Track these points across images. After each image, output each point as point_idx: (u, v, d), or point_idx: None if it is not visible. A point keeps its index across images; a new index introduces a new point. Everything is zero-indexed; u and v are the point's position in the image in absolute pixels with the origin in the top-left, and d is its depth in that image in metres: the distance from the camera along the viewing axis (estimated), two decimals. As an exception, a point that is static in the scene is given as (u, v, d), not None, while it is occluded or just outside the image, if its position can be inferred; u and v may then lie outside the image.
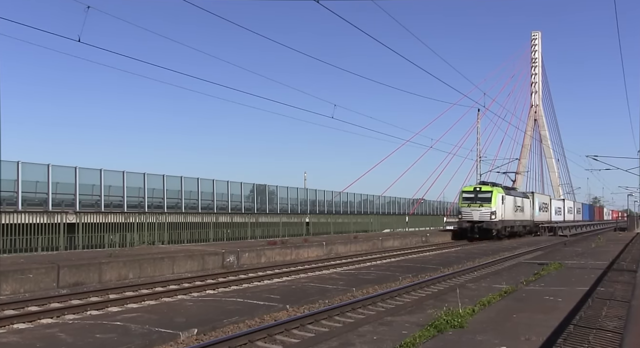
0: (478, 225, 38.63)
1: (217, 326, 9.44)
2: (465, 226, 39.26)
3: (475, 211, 39.18)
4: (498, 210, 39.29)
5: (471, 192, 40.23)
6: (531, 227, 49.04)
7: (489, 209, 38.82)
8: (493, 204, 38.98)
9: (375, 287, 14.43)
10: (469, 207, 39.54)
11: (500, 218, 39.68)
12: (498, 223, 39.25)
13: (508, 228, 41.69)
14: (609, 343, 7.52)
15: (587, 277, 15.90)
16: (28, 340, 8.09)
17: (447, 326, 8.60)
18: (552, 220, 57.06)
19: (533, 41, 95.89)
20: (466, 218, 39.47)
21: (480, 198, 39.45)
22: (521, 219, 45.15)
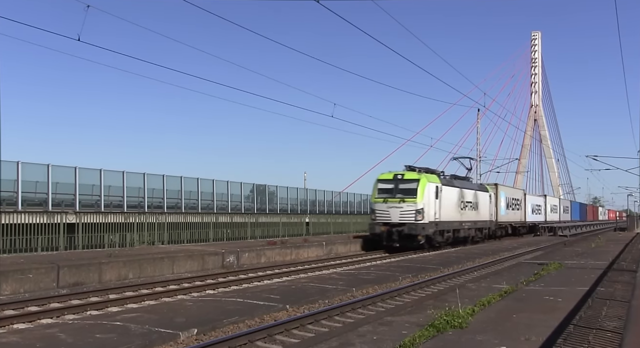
0: (397, 229, 26.55)
1: (217, 326, 9.44)
2: (379, 231, 26.99)
3: (393, 209, 27.04)
4: (428, 207, 27.16)
5: (389, 181, 27.82)
6: (493, 230, 37.97)
7: (413, 206, 26.69)
8: (420, 198, 26.73)
9: (375, 287, 14.43)
10: (385, 202, 27.23)
11: (432, 219, 27.46)
12: (427, 226, 26.98)
13: (447, 233, 29.67)
14: (609, 343, 7.52)
15: (587, 277, 15.90)
16: (28, 340, 8.09)
17: (447, 326, 8.61)
18: (529, 220, 48.52)
19: (533, 41, 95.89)
20: (381, 220, 27.15)
21: (402, 190, 27.23)
22: (473, 219, 33.41)
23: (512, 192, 45.10)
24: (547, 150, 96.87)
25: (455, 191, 31.04)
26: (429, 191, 27.40)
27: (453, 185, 31.13)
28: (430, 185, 27.66)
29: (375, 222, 27.56)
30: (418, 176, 27.65)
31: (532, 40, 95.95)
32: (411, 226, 26.49)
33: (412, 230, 26.49)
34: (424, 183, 27.25)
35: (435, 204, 27.88)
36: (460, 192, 31.53)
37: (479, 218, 34.64)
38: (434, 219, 27.62)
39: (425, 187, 27.16)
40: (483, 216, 35.60)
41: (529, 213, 48.71)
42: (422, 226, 26.72)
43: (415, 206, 26.83)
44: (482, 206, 35.28)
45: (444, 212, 28.82)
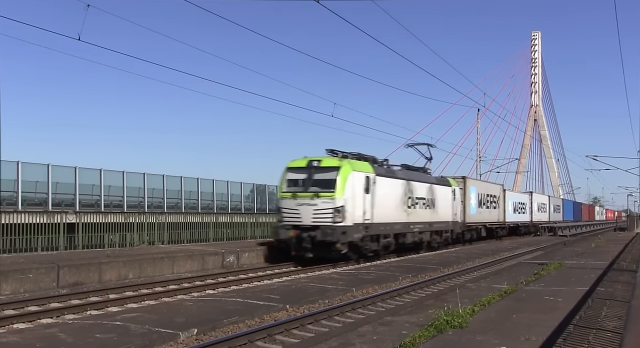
0: (310, 234, 19.60)
1: (217, 326, 9.44)
2: (286, 236, 20.12)
3: (305, 207, 20.02)
4: (352, 203, 20.04)
5: (302, 169, 20.78)
6: (458, 233, 31.06)
7: (330, 202, 19.62)
8: (340, 192, 19.66)
9: (375, 287, 14.43)
10: (295, 198, 20.29)
11: (359, 221, 20.38)
12: (351, 230, 19.84)
13: (385, 239, 22.61)
14: (609, 343, 7.52)
15: (587, 277, 15.90)
16: (28, 340, 8.09)
17: (447, 326, 8.61)
18: (510, 220, 42.60)
19: (533, 41, 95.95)
20: (289, 221, 20.26)
21: (318, 181, 20.23)
22: (426, 220, 26.53)
23: (486, 187, 37.88)
24: (547, 150, 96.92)
25: (398, 184, 23.89)
26: (355, 183, 20.18)
27: (394, 176, 23.94)
28: (357, 175, 20.43)
29: (282, 225, 20.28)
30: (339, 163, 20.19)
31: (532, 40, 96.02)
32: (326, 230, 19.13)
33: (328, 235, 19.10)
34: (346, 172, 19.95)
35: (365, 200, 20.70)
36: (405, 186, 24.40)
37: (436, 218, 27.58)
38: (361, 221, 20.39)
39: (349, 178, 19.86)
40: (443, 216, 28.54)
41: (510, 213, 42.41)
42: (341, 230, 19.31)
43: (333, 203, 19.46)
44: (441, 203, 28.22)
45: (380, 212, 21.67)
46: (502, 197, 40.96)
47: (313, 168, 20.53)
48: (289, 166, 21.25)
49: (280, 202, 21.18)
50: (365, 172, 21.20)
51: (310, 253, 19.85)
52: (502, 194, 41.00)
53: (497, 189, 40.90)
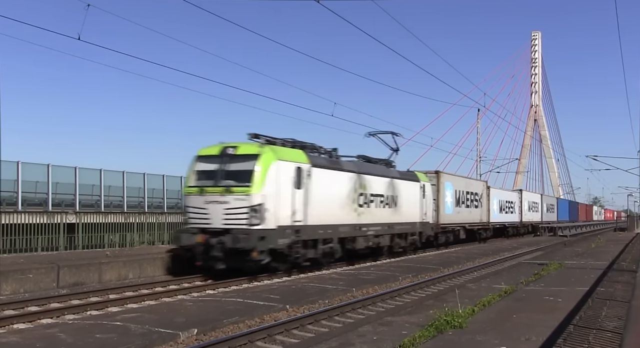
0: (220, 240, 15.42)
1: (217, 326, 9.44)
2: (192, 242, 15.82)
3: (214, 205, 15.89)
4: (274, 201, 15.90)
5: (214, 158, 16.62)
6: (429, 236, 26.74)
7: (245, 199, 15.54)
8: (258, 187, 15.58)
9: (375, 287, 14.44)
10: (202, 194, 16.18)
11: (286, 222, 16.24)
12: (273, 235, 15.69)
13: (324, 245, 18.26)
14: (609, 343, 7.52)
15: (587, 277, 15.90)
16: (28, 340, 8.09)
17: (447, 326, 8.61)
18: (495, 220, 38.66)
19: (533, 41, 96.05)
20: (195, 223, 16.17)
21: (231, 173, 16.14)
22: (386, 221, 22.28)
23: (465, 183, 33.59)
24: (547, 150, 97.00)
25: (345, 178, 19.39)
26: (280, 175, 15.92)
27: (339, 167, 19.31)
28: (284, 166, 16.10)
29: (187, 228, 16.13)
30: (259, 150, 15.90)
31: (532, 41, 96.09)
32: (239, 235, 14.94)
33: (241, 241, 14.90)
34: (268, 161, 15.64)
35: (295, 197, 16.43)
36: (356, 180, 19.96)
37: (399, 219, 23.29)
38: (290, 222, 16.11)
39: (271, 168, 15.60)
40: (409, 216, 24.23)
41: (495, 212, 38.40)
42: (259, 235, 15.04)
43: (248, 200, 15.25)
44: (406, 202, 23.85)
45: (317, 211, 17.38)
46: (486, 194, 36.72)
47: (227, 156, 16.16)
48: (199, 154, 16.89)
49: (186, 199, 16.85)
50: (297, 162, 16.67)
51: (222, 264, 15.56)
52: (485, 192, 36.68)
53: (479, 186, 36.28)
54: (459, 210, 31.62)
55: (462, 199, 32.03)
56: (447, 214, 29.53)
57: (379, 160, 24.08)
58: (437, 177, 28.93)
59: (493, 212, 38.14)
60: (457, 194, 31.16)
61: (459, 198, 31.50)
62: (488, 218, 37.07)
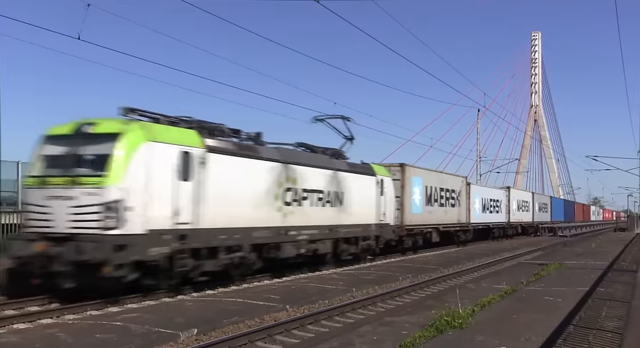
0: (60, 251, 10.95)
1: (217, 326, 9.44)
2: (25, 253, 11.29)
3: (58, 201, 11.29)
4: (143, 196, 11.40)
5: (65, 139, 11.94)
6: (386, 239, 22.02)
7: (97, 195, 11.04)
8: (116, 177, 11.08)
9: (375, 287, 14.43)
10: (44, 186, 11.57)
11: (163, 225, 11.83)
12: (136, 242, 11.21)
13: (228, 254, 13.90)
14: (609, 343, 7.53)
15: (587, 277, 15.91)
16: (28, 340, 8.09)
17: (447, 326, 8.62)
18: (477, 221, 34.00)
19: (533, 41, 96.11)
20: (34, 226, 11.64)
21: (84, 159, 11.76)
22: (315, 224, 17.49)
23: (439, 179, 28.80)
24: (547, 151, 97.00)
25: (262, 168, 15.15)
26: (153, 161, 11.79)
27: (253, 155, 15.09)
28: (159, 149, 11.99)
29: (23, 234, 12.28)
30: (122, 128, 11.76)
31: (532, 41, 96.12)
32: (83, 243, 10.92)
33: (87, 252, 10.83)
34: (134, 142, 11.58)
35: (180, 192, 12.33)
36: (280, 171, 15.75)
37: (347, 220, 18.96)
38: (170, 225, 12.06)
39: (138, 152, 11.54)
40: (361, 217, 19.82)
41: (477, 212, 34.23)
42: (115, 243, 10.99)
43: (102, 195, 11.16)
44: (357, 199, 19.48)
45: (216, 210, 13.30)
46: (465, 192, 32.27)
47: (82, 136, 11.83)
48: (46, 133, 12.38)
49: (25, 193, 12.63)
50: (183, 145, 12.47)
51: (70, 281, 11.23)
52: (464, 189, 32.20)
53: (457, 182, 31.68)
54: (431, 210, 26.95)
55: (434, 197, 27.51)
56: (414, 214, 25.01)
57: (325, 149, 19.43)
58: (401, 171, 24.35)
59: (474, 211, 33.62)
60: (428, 191, 26.63)
61: (430, 196, 26.97)
62: (468, 219, 32.32)
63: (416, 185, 25.60)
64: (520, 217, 44.54)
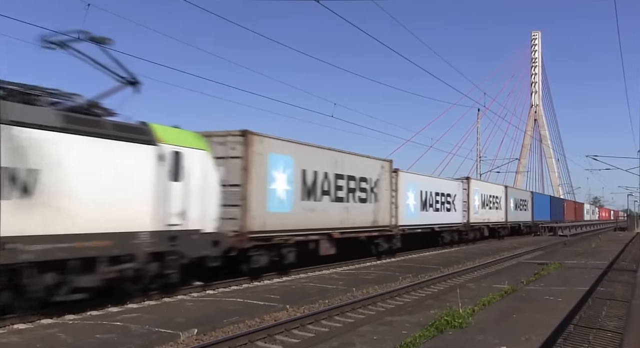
0: None
1: (217, 326, 9.44)
2: None
3: None
4: None
5: None
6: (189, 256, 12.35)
7: None
8: None
9: (375, 287, 14.43)
10: None
11: None
12: None
13: None
14: (609, 343, 7.53)
15: (587, 276, 15.91)
16: (28, 340, 8.09)
17: (447, 326, 8.62)
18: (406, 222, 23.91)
19: (533, 41, 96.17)
20: None
21: None
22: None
23: (332, 161, 18.61)
24: (547, 150, 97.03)
25: None
26: None
27: None
28: None
29: None
30: None
31: (532, 40, 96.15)
32: None
33: None
34: None
35: None
36: None
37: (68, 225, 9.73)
38: None
39: None
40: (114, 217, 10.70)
41: (410, 210, 24.61)
42: None
43: None
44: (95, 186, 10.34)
45: None
46: (390, 182, 22.51)
47: None
48: None
49: None
50: None
51: None
52: (387, 177, 22.32)
53: (373, 167, 21.35)
54: (312, 206, 17.21)
55: (321, 186, 17.75)
56: (275, 214, 15.42)
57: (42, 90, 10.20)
58: (245, 144, 14.53)
59: (407, 209, 24.25)
60: (305, 177, 16.89)
61: (313, 184, 17.29)
62: (394, 220, 22.77)
63: (280, 168, 15.84)
64: (487, 217, 35.21)
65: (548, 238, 43.62)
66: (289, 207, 16.33)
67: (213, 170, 13.11)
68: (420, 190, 26.01)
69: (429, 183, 27.65)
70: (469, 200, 32.08)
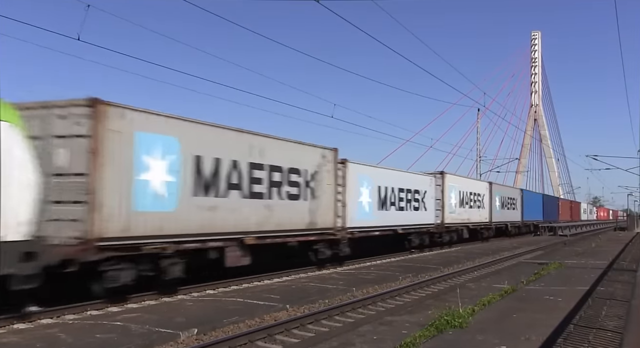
0: None
1: (217, 326, 9.44)
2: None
3: None
4: None
5: None
6: None
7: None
8: None
9: (375, 287, 14.43)
10: None
11: None
12: None
13: None
14: (609, 342, 7.53)
15: (587, 276, 15.92)
16: (28, 340, 8.10)
17: (447, 326, 8.62)
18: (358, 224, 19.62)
19: (533, 41, 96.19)
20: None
21: None
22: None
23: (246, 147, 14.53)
24: (547, 150, 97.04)
25: None
26: None
27: None
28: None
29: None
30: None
31: (532, 40, 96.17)
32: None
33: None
34: None
35: None
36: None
37: None
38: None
39: None
40: None
41: (364, 209, 20.42)
42: None
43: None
44: None
45: None
46: (336, 175, 18.37)
47: None
48: None
49: None
50: None
51: None
52: (330, 169, 18.06)
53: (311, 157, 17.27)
54: (213, 203, 13.23)
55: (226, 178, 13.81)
56: (142, 213, 11.44)
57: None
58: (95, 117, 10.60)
59: (360, 208, 20.09)
60: (201, 166, 13.04)
61: (214, 175, 13.42)
62: (340, 221, 18.56)
63: (161, 154, 11.95)
64: (466, 217, 30.87)
65: (548, 238, 43.61)
66: (172, 205, 12.15)
67: (24, 151, 8.98)
68: (378, 185, 21.48)
69: (390, 177, 22.85)
70: (443, 197, 27.65)
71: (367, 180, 20.88)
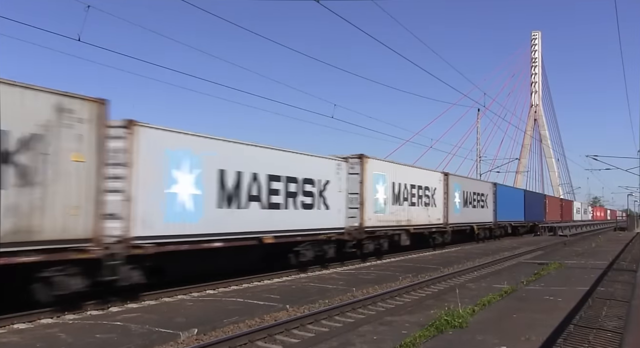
0: None
1: (217, 326, 9.44)
2: None
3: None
4: None
5: None
6: None
7: None
8: None
9: (375, 287, 14.44)
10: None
11: None
12: None
13: None
14: (609, 343, 7.53)
15: (587, 276, 15.92)
16: (28, 340, 8.10)
17: (447, 326, 8.62)
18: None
19: (533, 41, 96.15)
20: None
21: None
22: None
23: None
24: (547, 150, 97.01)
25: None
26: None
27: None
28: None
29: None
30: None
31: (532, 40, 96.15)
32: None
33: None
34: None
35: None
36: None
37: None
38: None
39: None
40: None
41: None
42: None
43: None
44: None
45: None
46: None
47: None
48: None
49: None
50: None
51: None
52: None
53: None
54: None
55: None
56: None
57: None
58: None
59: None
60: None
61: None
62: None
63: None
64: (406, 217, 22.98)
65: (548, 238, 43.59)
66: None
67: None
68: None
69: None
70: (362, 191, 19.46)
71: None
